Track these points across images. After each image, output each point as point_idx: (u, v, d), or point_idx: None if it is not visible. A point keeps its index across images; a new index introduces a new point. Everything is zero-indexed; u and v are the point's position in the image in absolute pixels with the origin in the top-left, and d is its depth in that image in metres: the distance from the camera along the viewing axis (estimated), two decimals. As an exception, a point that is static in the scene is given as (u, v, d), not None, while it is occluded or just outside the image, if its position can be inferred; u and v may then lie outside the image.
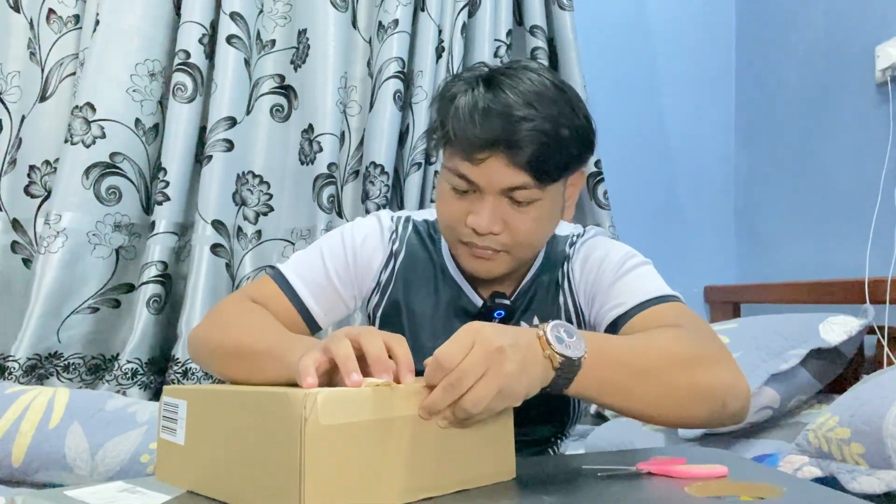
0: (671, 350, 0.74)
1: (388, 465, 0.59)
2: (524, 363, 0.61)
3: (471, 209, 0.86)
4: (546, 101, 0.83)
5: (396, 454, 0.59)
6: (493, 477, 0.67)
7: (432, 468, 0.62)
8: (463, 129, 0.83)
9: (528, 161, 0.82)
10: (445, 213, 0.90)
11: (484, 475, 0.66)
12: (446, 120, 0.86)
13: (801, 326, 1.39)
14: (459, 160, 0.85)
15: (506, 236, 0.87)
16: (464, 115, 0.84)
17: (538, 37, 1.93)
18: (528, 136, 0.81)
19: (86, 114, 1.65)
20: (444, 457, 0.63)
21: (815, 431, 1.05)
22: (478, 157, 0.83)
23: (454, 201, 0.88)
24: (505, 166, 0.83)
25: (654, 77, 2.20)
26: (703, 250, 2.19)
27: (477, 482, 0.65)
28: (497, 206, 0.85)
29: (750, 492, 0.60)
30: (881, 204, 1.55)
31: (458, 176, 0.85)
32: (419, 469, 0.61)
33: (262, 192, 1.83)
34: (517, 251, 0.89)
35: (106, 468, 1.17)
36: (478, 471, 0.66)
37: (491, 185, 0.84)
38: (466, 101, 0.85)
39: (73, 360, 1.63)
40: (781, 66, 2.00)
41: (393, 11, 1.81)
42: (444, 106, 0.88)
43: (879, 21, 1.62)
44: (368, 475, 0.57)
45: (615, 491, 0.63)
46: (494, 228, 0.85)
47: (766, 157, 2.09)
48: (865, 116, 1.65)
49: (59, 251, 1.60)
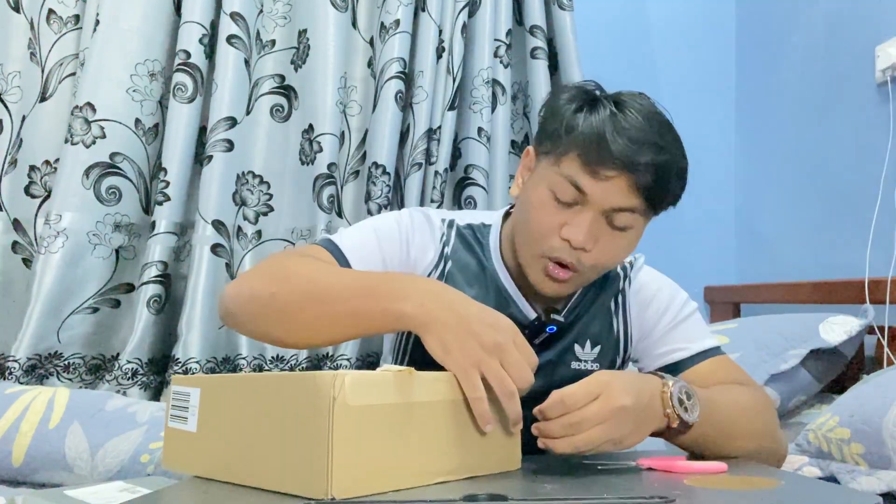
0: (747, 409, 0.84)
1: (409, 448, 0.61)
2: (642, 422, 0.69)
3: (568, 221, 0.84)
4: (670, 133, 0.87)
5: (416, 438, 0.62)
6: (500, 466, 0.70)
7: (447, 454, 0.65)
8: (597, 143, 0.82)
9: (649, 188, 0.83)
10: (540, 222, 0.86)
11: (492, 464, 0.70)
12: (570, 131, 0.84)
13: (801, 326, 1.39)
14: (580, 171, 0.83)
15: (593, 256, 0.85)
16: (598, 129, 0.82)
17: (538, 37, 1.93)
18: (658, 165, 0.82)
19: (86, 114, 1.65)
20: (457, 444, 0.66)
21: (815, 431, 1.05)
22: (606, 173, 0.82)
23: (553, 211, 0.85)
24: (626, 188, 0.82)
25: (654, 77, 2.20)
26: (703, 250, 2.19)
27: (485, 470, 0.69)
28: (596, 223, 0.84)
29: (747, 484, 0.62)
30: (881, 204, 1.55)
31: (573, 185, 0.83)
32: (435, 454, 0.64)
33: (263, 192, 1.83)
34: (593, 273, 0.90)
35: (106, 468, 1.17)
36: (487, 459, 0.69)
37: (604, 202, 0.83)
38: (600, 116, 0.84)
39: (73, 360, 1.63)
40: (781, 66, 2.00)
41: (394, 12, 1.81)
42: (566, 117, 0.86)
43: (879, 21, 1.62)
44: (391, 457, 0.60)
45: (615, 481, 0.64)
46: (588, 245, 0.84)
47: (766, 157, 2.09)
48: (865, 116, 1.65)
49: (60, 251, 1.60)
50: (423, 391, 0.63)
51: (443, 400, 0.65)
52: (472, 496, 0.56)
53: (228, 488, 0.63)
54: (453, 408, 0.66)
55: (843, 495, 0.59)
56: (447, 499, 0.56)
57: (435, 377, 0.65)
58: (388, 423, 0.60)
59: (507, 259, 0.95)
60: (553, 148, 0.86)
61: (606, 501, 0.55)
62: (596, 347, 0.97)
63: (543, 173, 0.87)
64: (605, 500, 0.56)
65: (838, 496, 0.59)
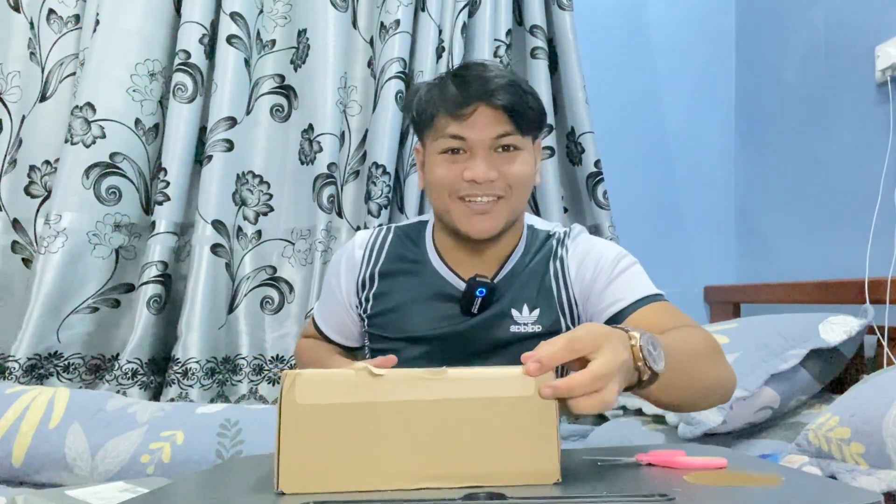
0: (700, 350, 0.85)
1: (373, 450, 0.59)
2: (624, 377, 0.65)
3: (466, 166, 0.99)
4: (509, 72, 1.05)
5: (382, 440, 0.59)
6: (528, 478, 0.60)
7: (435, 457, 0.59)
8: (446, 95, 0.99)
9: (508, 107, 0.97)
10: (441, 175, 1.01)
11: (515, 474, 0.60)
12: (429, 100, 1.02)
13: (801, 326, 1.39)
14: (450, 122, 0.99)
15: (501, 182, 1.00)
16: (444, 86, 1.01)
17: (538, 37, 1.93)
18: (503, 87, 0.97)
19: (86, 114, 1.66)
20: (453, 447, 0.59)
21: (815, 431, 1.05)
22: (465, 112, 0.97)
23: (448, 165, 1.01)
24: (490, 115, 0.98)
25: (653, 77, 2.20)
26: (703, 250, 2.19)
27: (506, 480, 0.59)
28: (488, 157, 0.99)
29: (747, 481, 0.61)
30: (881, 204, 1.55)
31: (451, 137, 0.99)
32: (414, 456, 0.59)
33: (262, 192, 1.83)
34: (513, 196, 1.02)
35: (106, 468, 1.17)
36: (506, 468, 0.60)
37: (480, 139, 0.99)
38: (445, 81, 1.02)
39: (73, 360, 1.63)
40: (781, 66, 2.00)
41: (394, 11, 1.81)
42: (422, 95, 1.04)
43: (879, 21, 1.62)
44: (347, 456, 0.59)
45: (614, 478, 0.64)
46: (491, 175, 0.99)
47: (766, 157, 2.09)
48: (865, 116, 1.65)
49: (59, 251, 1.60)
50: (393, 390, 0.60)
51: (415, 400, 0.60)
52: (471, 495, 0.56)
53: (224, 485, 0.63)
54: (431, 408, 0.60)
55: (845, 492, 0.59)
56: (447, 498, 0.56)
57: (408, 376, 0.61)
58: (347, 423, 0.59)
59: (439, 245, 1.10)
60: (425, 124, 1.04)
61: (606, 500, 0.55)
62: (535, 311, 1.05)
63: (431, 149, 1.04)
64: (605, 498, 0.56)
65: (840, 493, 0.59)
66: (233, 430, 1.22)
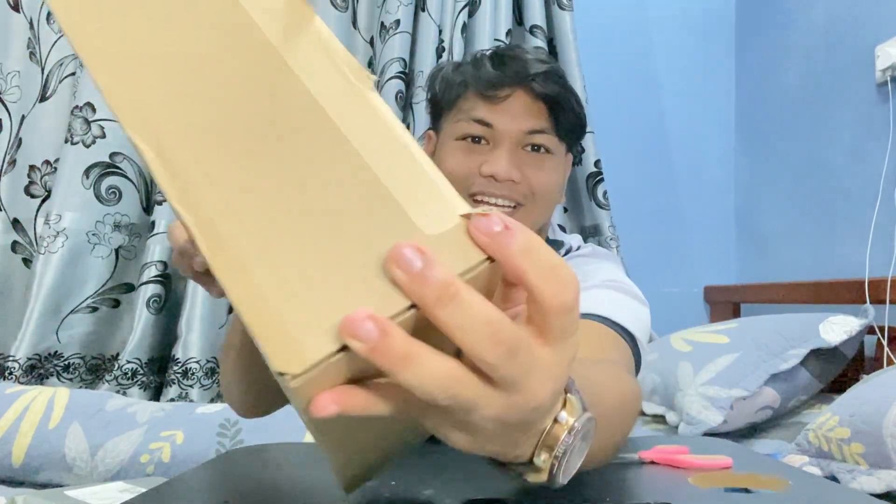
0: (610, 408, 0.51)
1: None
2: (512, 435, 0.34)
3: (486, 160, 0.82)
4: (553, 61, 0.86)
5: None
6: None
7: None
8: (479, 72, 0.82)
9: (548, 97, 0.81)
10: (456, 166, 0.83)
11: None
12: (458, 75, 0.85)
13: (801, 326, 1.39)
14: (479, 103, 0.82)
15: (524, 186, 0.82)
16: (479, 63, 0.83)
17: (538, 37, 1.93)
18: (547, 74, 0.81)
19: (86, 114, 1.66)
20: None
21: (815, 431, 1.05)
22: (500, 94, 0.81)
23: (466, 154, 0.83)
24: (528, 103, 0.81)
25: (654, 77, 2.20)
26: (703, 250, 2.19)
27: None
28: (514, 154, 0.82)
29: (755, 483, 0.60)
30: (881, 204, 1.55)
31: (476, 121, 0.82)
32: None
33: (262, 192, 1.83)
34: (535, 206, 0.84)
35: (106, 468, 1.17)
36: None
37: (510, 129, 0.82)
38: (480, 58, 0.85)
39: (73, 360, 1.63)
40: (781, 66, 2.00)
41: (394, 11, 1.81)
42: (449, 71, 0.87)
43: (879, 21, 1.62)
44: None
45: (615, 480, 0.63)
46: (514, 174, 0.81)
47: (766, 157, 2.08)
48: (865, 116, 1.65)
49: (59, 251, 1.60)
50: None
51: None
52: (471, 500, 0.56)
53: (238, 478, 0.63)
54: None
55: (855, 498, 0.58)
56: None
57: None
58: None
59: None
60: (448, 103, 0.86)
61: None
62: None
63: (447, 133, 0.86)
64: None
65: (849, 499, 0.58)
66: (232, 429, 1.22)
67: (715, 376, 1.33)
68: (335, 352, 0.26)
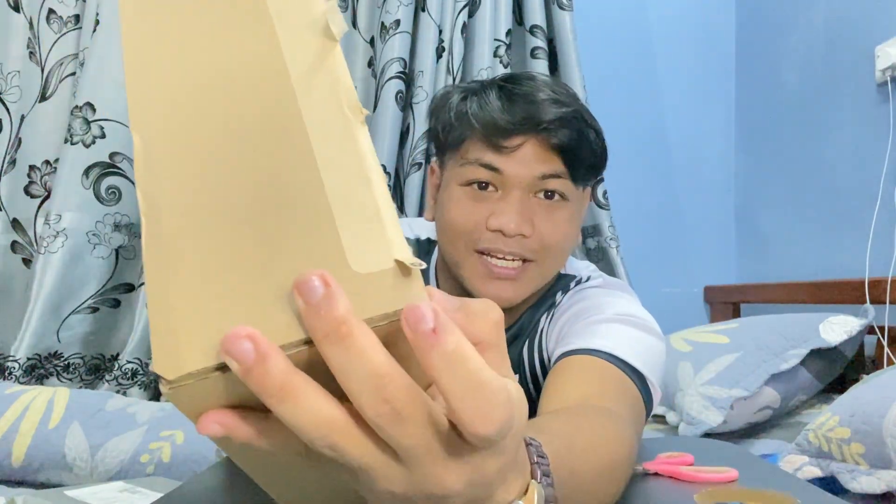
0: (602, 467, 0.50)
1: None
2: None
3: (493, 210, 0.74)
4: (569, 92, 0.78)
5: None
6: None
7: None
8: (486, 113, 0.73)
9: (563, 146, 0.73)
10: (461, 217, 0.75)
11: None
12: (463, 115, 0.76)
13: (801, 326, 1.39)
14: (486, 150, 0.74)
15: (535, 241, 0.74)
16: (488, 103, 0.74)
17: (538, 37, 1.93)
18: (562, 119, 0.73)
19: (86, 114, 1.65)
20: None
21: (815, 431, 1.05)
22: (510, 143, 0.72)
23: (471, 203, 0.75)
24: (540, 152, 0.73)
25: (654, 77, 2.20)
26: (703, 250, 2.19)
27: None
28: (524, 203, 0.74)
29: (762, 499, 0.59)
30: (881, 204, 1.55)
31: (484, 167, 0.73)
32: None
33: (262, 192, 1.83)
34: (546, 260, 0.77)
35: (106, 468, 1.17)
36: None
37: (521, 175, 0.73)
38: (490, 93, 0.75)
39: (73, 360, 1.63)
40: (781, 67, 2.00)
41: (394, 11, 1.81)
42: (454, 105, 0.78)
43: (879, 21, 1.62)
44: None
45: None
46: (524, 228, 0.73)
47: (766, 157, 2.08)
48: (865, 116, 1.65)
49: (59, 251, 1.60)
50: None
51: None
52: None
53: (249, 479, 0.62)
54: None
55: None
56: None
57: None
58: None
59: (444, 286, 0.83)
60: (452, 143, 0.77)
61: None
62: (516, 375, 0.82)
63: (451, 175, 0.78)
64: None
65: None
66: (233, 430, 1.22)
67: (715, 376, 1.33)
68: (214, 368, 0.25)
